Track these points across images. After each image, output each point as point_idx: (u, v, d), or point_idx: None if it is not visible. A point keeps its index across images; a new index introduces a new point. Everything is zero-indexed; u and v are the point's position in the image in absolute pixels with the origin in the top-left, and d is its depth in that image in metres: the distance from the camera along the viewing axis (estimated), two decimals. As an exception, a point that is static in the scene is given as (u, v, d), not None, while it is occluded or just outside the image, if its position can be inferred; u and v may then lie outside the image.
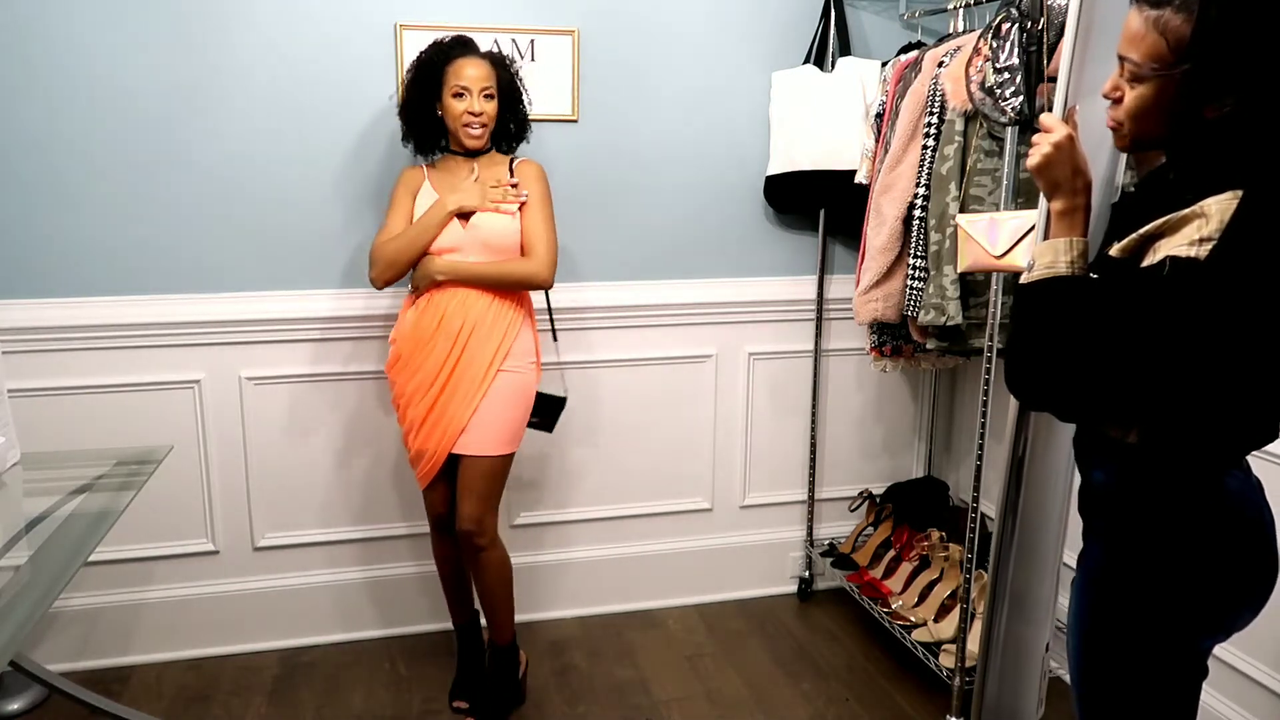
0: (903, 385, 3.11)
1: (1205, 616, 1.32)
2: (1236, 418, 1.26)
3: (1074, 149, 1.34)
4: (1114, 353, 1.22)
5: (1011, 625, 1.83)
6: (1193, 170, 1.24)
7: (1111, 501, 1.37)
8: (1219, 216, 1.15)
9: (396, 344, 2.35)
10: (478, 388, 2.26)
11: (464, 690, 2.50)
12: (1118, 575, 1.36)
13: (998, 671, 1.85)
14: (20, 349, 2.42)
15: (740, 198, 2.85)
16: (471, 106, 2.24)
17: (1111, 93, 1.30)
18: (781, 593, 3.10)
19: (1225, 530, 1.29)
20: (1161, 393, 1.21)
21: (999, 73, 2.11)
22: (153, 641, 2.66)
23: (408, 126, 2.34)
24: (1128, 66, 1.25)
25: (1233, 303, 1.17)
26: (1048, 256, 1.33)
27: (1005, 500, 1.73)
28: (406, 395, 2.31)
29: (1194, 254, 1.15)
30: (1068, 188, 1.35)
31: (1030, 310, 1.33)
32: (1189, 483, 1.29)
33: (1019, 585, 1.80)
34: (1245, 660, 2.15)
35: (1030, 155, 1.36)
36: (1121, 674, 1.37)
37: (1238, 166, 1.19)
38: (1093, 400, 1.27)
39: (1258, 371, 1.25)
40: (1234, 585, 1.32)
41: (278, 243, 2.57)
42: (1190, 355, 1.19)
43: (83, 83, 2.38)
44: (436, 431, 2.28)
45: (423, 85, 2.27)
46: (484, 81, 2.24)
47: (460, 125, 2.25)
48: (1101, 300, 1.26)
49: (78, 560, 1.61)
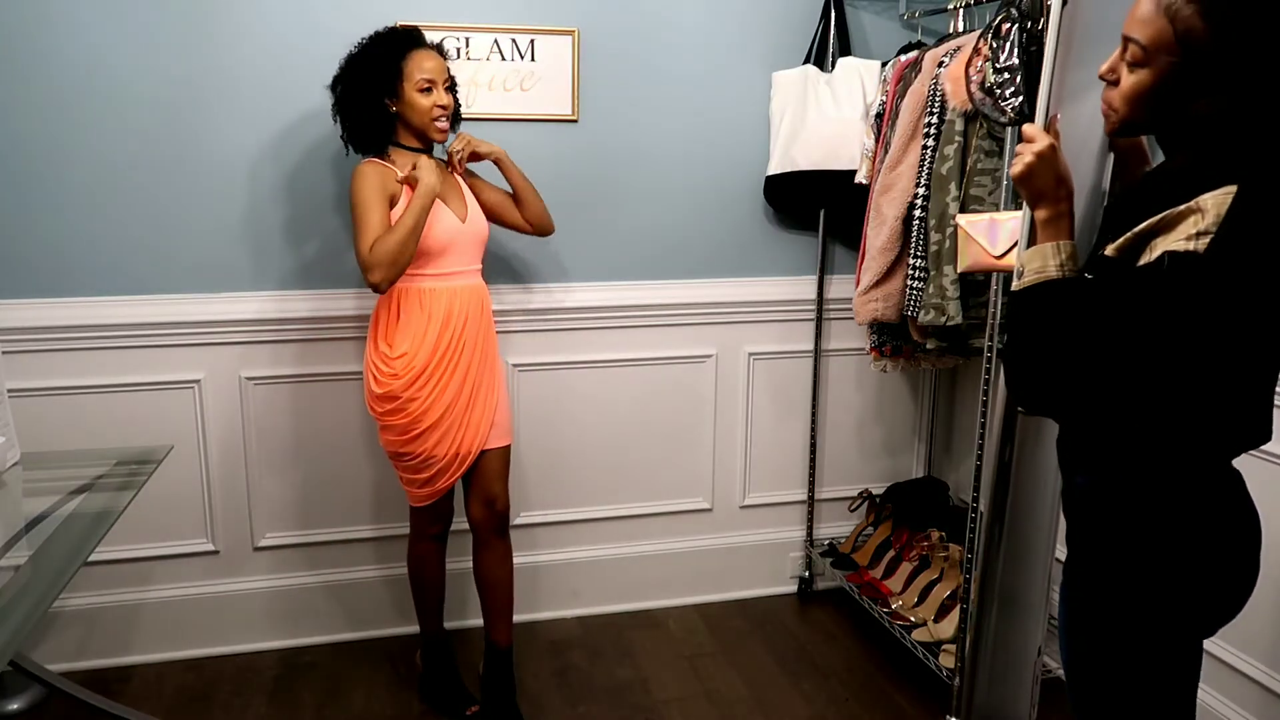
0: (903, 385, 3.11)
1: (1189, 614, 1.32)
2: (1235, 413, 1.26)
3: (1056, 158, 1.34)
4: (1116, 351, 1.22)
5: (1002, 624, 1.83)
6: (1188, 164, 1.24)
7: (1094, 505, 1.38)
8: (1215, 210, 1.15)
9: (410, 358, 2.19)
10: (496, 379, 2.32)
11: (467, 696, 2.47)
12: (1101, 576, 1.37)
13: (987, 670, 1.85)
14: (20, 349, 2.42)
15: (740, 198, 2.85)
16: (440, 99, 2.18)
17: (1108, 74, 1.30)
18: (781, 593, 3.10)
19: (1206, 530, 1.29)
20: (1164, 389, 1.21)
21: (999, 73, 2.11)
22: (153, 641, 2.66)
23: (353, 122, 2.21)
24: (1131, 49, 1.25)
25: (1233, 295, 1.17)
26: (1036, 262, 1.33)
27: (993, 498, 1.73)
28: (442, 405, 2.21)
29: (1192, 248, 1.15)
30: (1051, 196, 1.35)
31: (1026, 316, 1.33)
32: (1171, 484, 1.29)
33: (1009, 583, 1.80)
34: (1237, 656, 2.17)
35: (1013, 165, 1.37)
36: (1110, 674, 1.37)
37: (1233, 160, 1.19)
38: (1096, 401, 1.27)
39: (1256, 366, 1.25)
40: (1216, 584, 1.32)
41: (278, 243, 2.56)
42: (1193, 350, 1.18)
43: (82, 83, 2.38)
44: (469, 431, 2.27)
45: (374, 79, 2.15)
46: (444, 74, 2.21)
47: (429, 120, 2.19)
48: (1099, 300, 1.26)
49: (78, 560, 1.61)
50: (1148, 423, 1.26)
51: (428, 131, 2.21)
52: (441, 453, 2.24)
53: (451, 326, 2.23)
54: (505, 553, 2.38)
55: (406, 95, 2.17)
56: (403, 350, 2.20)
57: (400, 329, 2.21)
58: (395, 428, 2.23)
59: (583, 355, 2.80)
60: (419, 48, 2.19)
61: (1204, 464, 1.30)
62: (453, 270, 2.25)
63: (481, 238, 2.32)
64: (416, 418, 2.21)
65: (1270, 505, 1.99)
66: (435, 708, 2.47)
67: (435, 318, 2.22)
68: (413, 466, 2.27)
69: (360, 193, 2.14)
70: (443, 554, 2.44)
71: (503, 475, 2.35)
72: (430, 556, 2.42)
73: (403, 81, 2.16)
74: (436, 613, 2.48)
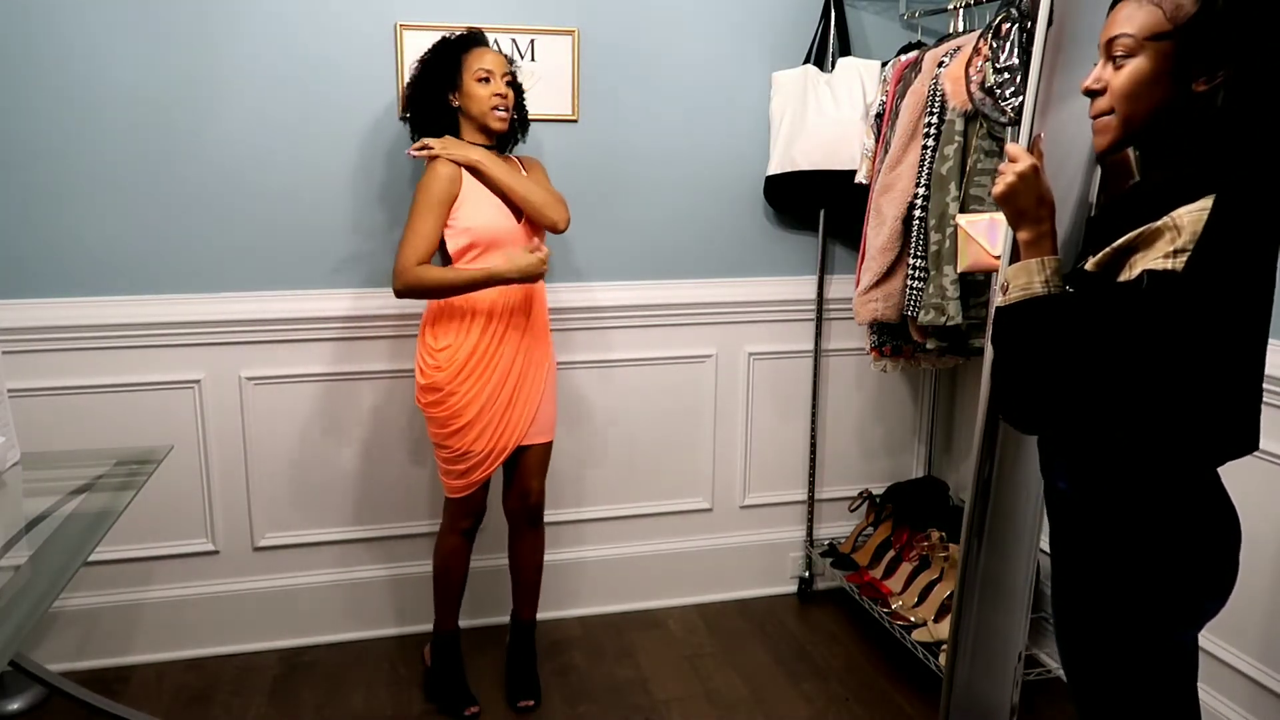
0: (903, 385, 3.11)
1: (1171, 613, 1.33)
2: (1220, 425, 1.27)
3: (1038, 179, 1.35)
4: (1101, 368, 1.23)
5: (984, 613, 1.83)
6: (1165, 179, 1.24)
7: (1075, 510, 1.39)
8: (1191, 228, 1.16)
9: (453, 350, 2.26)
10: (543, 376, 2.35)
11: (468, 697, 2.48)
12: (1085, 579, 1.38)
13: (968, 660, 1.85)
14: (20, 349, 2.42)
15: (740, 198, 2.85)
16: (498, 89, 2.25)
17: (1094, 84, 1.31)
18: (781, 593, 3.10)
19: (1185, 533, 1.30)
20: (1149, 405, 1.23)
21: (999, 73, 2.11)
22: (153, 641, 2.66)
23: (418, 118, 2.31)
24: (1120, 43, 1.26)
25: (1212, 313, 1.19)
26: (1022, 278, 1.34)
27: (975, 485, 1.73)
28: (480, 400, 2.27)
29: (1170, 266, 1.17)
30: (1032, 216, 1.35)
31: (1012, 333, 1.34)
32: (1151, 490, 1.30)
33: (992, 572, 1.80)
34: (1228, 650, 2.18)
35: (995, 184, 1.37)
36: (1104, 673, 1.38)
37: (1208, 173, 1.19)
38: (1082, 416, 1.28)
39: (1240, 377, 1.26)
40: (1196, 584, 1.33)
41: (278, 243, 2.56)
42: (1175, 366, 1.20)
43: (83, 82, 2.38)
44: (509, 428, 2.32)
45: (437, 75, 2.26)
46: (504, 68, 2.28)
47: (489, 108, 2.24)
48: (1083, 316, 1.27)
49: (78, 560, 1.61)
50: (1132, 436, 1.26)
51: (487, 121, 2.26)
52: (480, 448, 2.31)
53: (495, 323, 2.27)
54: (537, 542, 2.53)
55: (465, 86, 2.25)
56: (446, 343, 2.27)
57: (445, 322, 2.29)
58: (437, 420, 2.30)
59: (583, 355, 2.80)
60: (479, 45, 2.30)
61: (1187, 473, 1.30)
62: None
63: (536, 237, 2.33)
64: (456, 411, 2.27)
65: (1261, 503, 2.01)
66: (438, 705, 2.48)
67: (479, 313, 2.27)
68: (451, 459, 2.33)
69: (421, 195, 2.22)
70: (469, 550, 2.47)
71: (539, 471, 2.44)
72: (458, 551, 2.46)
73: (462, 73, 2.25)
74: (454, 608, 2.52)
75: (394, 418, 2.71)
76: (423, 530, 2.78)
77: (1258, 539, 1.99)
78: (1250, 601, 2.08)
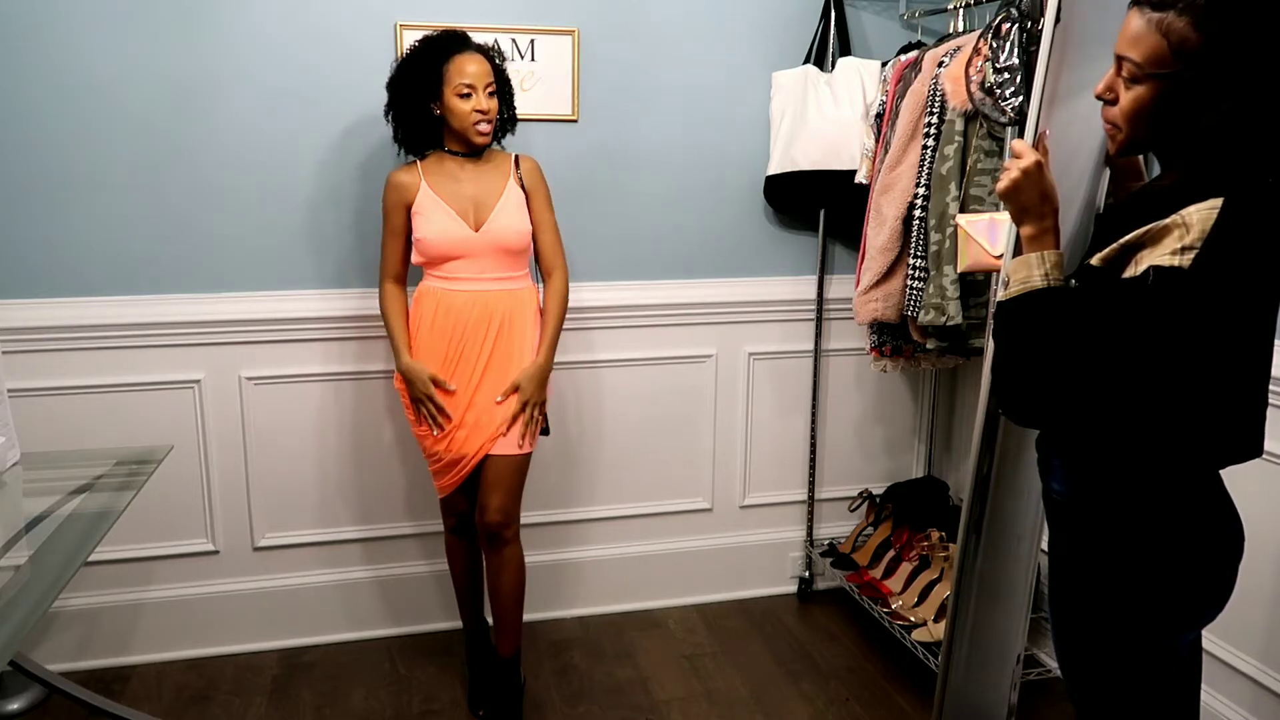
0: (903, 385, 3.11)
1: (1169, 615, 1.33)
2: (1222, 427, 1.26)
3: (1042, 175, 1.34)
4: (1102, 363, 1.22)
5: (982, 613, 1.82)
6: (1177, 180, 1.23)
7: (1070, 511, 1.39)
8: (1200, 226, 1.15)
9: (419, 352, 2.30)
10: (509, 386, 2.30)
11: (481, 699, 2.46)
12: (1083, 581, 1.37)
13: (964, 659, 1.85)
14: (20, 349, 2.41)
15: (740, 198, 2.84)
16: (480, 104, 2.18)
17: (1105, 93, 1.30)
18: (781, 593, 3.10)
19: (1184, 535, 1.30)
20: (1150, 402, 1.22)
21: (999, 73, 2.11)
22: (153, 641, 2.66)
23: (400, 127, 2.28)
24: (1127, 66, 1.25)
25: (1218, 311, 1.18)
26: (1022, 272, 1.33)
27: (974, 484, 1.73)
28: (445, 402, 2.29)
29: (1177, 263, 1.16)
30: (1035, 213, 1.35)
31: (1012, 327, 1.33)
32: (1150, 492, 1.29)
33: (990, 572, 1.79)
34: (1230, 651, 2.18)
35: (1000, 179, 1.37)
36: (1098, 673, 1.38)
37: (1220, 175, 1.18)
38: (1081, 412, 1.27)
39: (1243, 379, 1.25)
40: (1194, 586, 1.32)
41: (277, 243, 2.56)
42: (1178, 364, 1.19)
43: (82, 82, 2.38)
44: (475, 435, 2.27)
45: (418, 83, 2.20)
46: (487, 78, 2.20)
47: (470, 124, 2.19)
48: (1084, 310, 1.26)
49: (78, 560, 1.61)
50: (1132, 434, 1.26)
51: (469, 135, 2.22)
52: (441, 450, 2.30)
53: (455, 332, 2.25)
54: (502, 563, 2.32)
55: (447, 100, 2.19)
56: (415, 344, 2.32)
57: (412, 324, 2.33)
58: (409, 407, 2.33)
59: (582, 355, 2.80)
60: (462, 51, 2.19)
61: (1187, 475, 1.30)
62: (463, 276, 2.25)
63: (504, 247, 2.26)
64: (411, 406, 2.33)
65: (1264, 504, 2.01)
66: (469, 700, 2.49)
67: (439, 322, 2.26)
68: (426, 455, 2.37)
69: (384, 206, 2.30)
70: (465, 547, 2.47)
71: (501, 485, 2.28)
72: (454, 548, 2.49)
73: (443, 86, 2.18)
74: (467, 605, 2.53)
75: (395, 418, 2.70)
76: (423, 530, 2.78)
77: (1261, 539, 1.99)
78: (1252, 602, 2.08)
